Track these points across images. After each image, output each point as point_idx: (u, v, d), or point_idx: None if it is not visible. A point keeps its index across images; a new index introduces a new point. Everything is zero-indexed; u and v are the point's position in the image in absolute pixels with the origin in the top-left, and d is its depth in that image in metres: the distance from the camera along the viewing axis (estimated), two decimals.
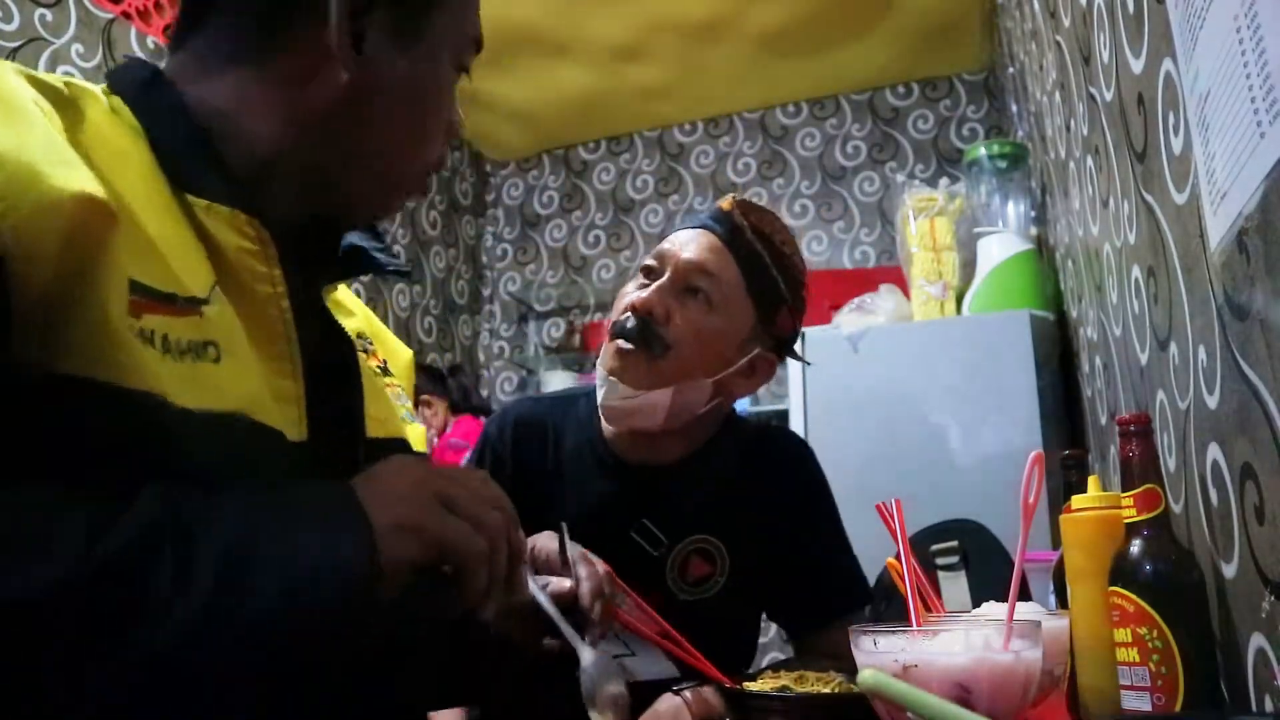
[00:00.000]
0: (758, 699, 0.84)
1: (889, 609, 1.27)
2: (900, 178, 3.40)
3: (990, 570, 1.20)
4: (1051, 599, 1.03)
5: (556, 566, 0.91)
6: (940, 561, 1.21)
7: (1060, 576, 0.93)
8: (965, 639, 0.59)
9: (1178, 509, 0.95)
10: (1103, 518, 0.84)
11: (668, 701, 0.91)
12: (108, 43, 2.48)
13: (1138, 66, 1.00)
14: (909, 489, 1.21)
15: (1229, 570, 0.78)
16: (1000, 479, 2.01)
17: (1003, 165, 2.39)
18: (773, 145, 3.97)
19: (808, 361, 1.53)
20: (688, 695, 0.90)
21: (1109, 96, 1.19)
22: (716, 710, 0.90)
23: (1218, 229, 0.74)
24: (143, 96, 0.63)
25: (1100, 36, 1.21)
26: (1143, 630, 0.74)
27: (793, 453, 1.27)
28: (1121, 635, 0.75)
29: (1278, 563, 0.67)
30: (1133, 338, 1.19)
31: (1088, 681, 0.82)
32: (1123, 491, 0.81)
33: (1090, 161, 1.40)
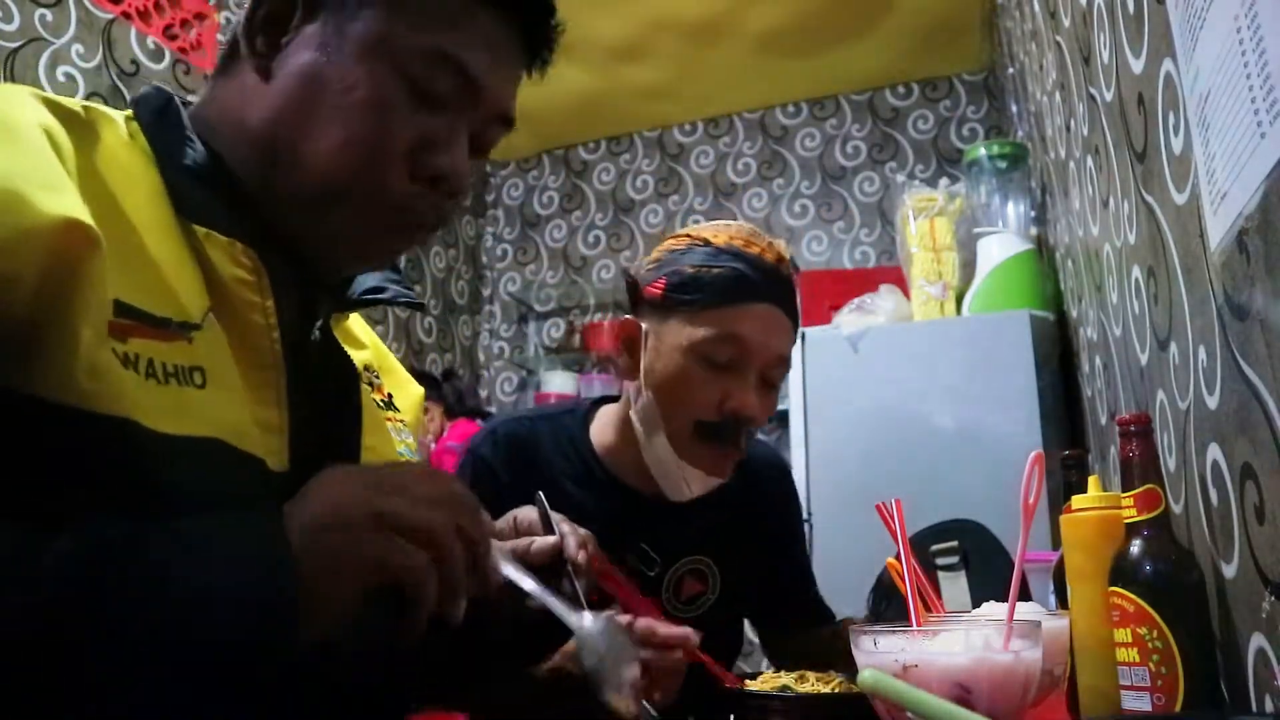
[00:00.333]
0: (757, 699, 0.84)
1: (889, 609, 1.27)
2: (900, 178, 3.41)
3: (990, 570, 1.20)
4: (1051, 599, 1.03)
5: (539, 533, 0.88)
6: (940, 561, 1.21)
7: (1060, 576, 0.93)
8: (965, 639, 0.59)
9: (1178, 509, 0.95)
10: (1103, 518, 0.84)
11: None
12: (108, 43, 2.48)
13: (1138, 66, 1.00)
14: (909, 489, 1.21)
15: (1229, 570, 0.78)
16: (1000, 479, 2.00)
17: (1003, 165, 2.39)
18: (773, 145, 3.97)
19: None
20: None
21: (1109, 96, 1.19)
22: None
23: (1218, 229, 0.74)
24: (154, 123, 0.64)
25: (1100, 36, 1.21)
26: (1143, 630, 0.74)
27: (775, 472, 1.31)
28: (1121, 635, 0.75)
29: (1278, 563, 0.67)
30: (1133, 338, 1.19)
31: (1088, 681, 0.82)
32: (1123, 491, 0.81)
33: (1090, 161, 1.40)
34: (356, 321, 0.85)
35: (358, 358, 0.78)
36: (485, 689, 0.99)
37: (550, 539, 0.85)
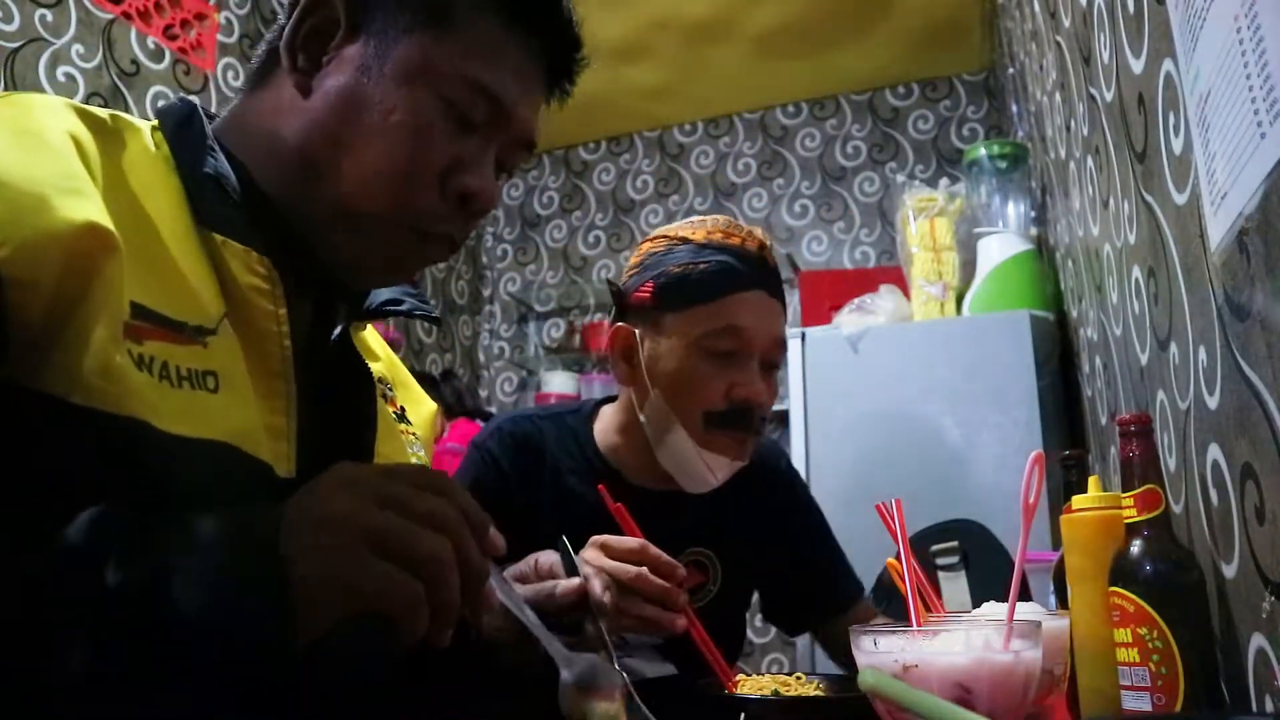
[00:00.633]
0: (756, 703, 0.85)
1: (889, 609, 1.28)
2: (900, 178, 3.40)
3: (990, 570, 1.20)
4: (1051, 599, 1.03)
5: (561, 576, 0.89)
6: (940, 561, 1.21)
7: (1060, 576, 0.93)
8: (965, 639, 0.59)
9: (1178, 509, 0.95)
10: (1103, 518, 0.84)
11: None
12: (108, 43, 2.48)
13: (1138, 66, 1.00)
14: (909, 489, 1.22)
15: (1229, 570, 0.78)
16: (1000, 479, 2.01)
17: (1003, 165, 2.39)
18: (773, 145, 3.97)
19: None
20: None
21: (1109, 97, 1.19)
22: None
23: (1218, 229, 0.74)
24: (177, 133, 0.66)
25: (1100, 37, 1.21)
26: (1143, 630, 0.74)
27: (772, 463, 1.32)
28: (1121, 635, 0.75)
29: (1278, 563, 0.67)
30: (1133, 338, 1.19)
31: (1088, 681, 0.82)
32: (1123, 492, 0.81)
33: (1090, 162, 1.40)
34: (371, 334, 0.87)
35: (372, 369, 0.79)
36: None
37: (575, 581, 0.85)
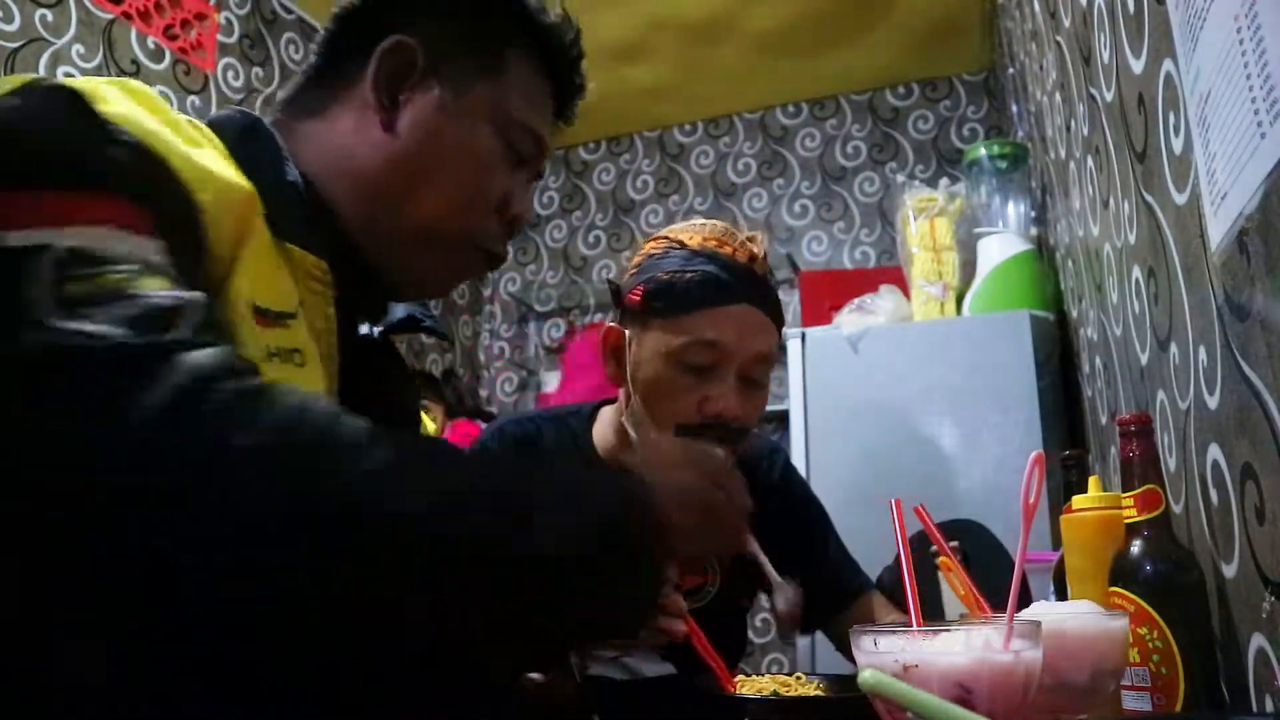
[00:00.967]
0: (756, 703, 0.85)
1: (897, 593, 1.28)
2: (900, 178, 3.40)
3: (990, 570, 1.20)
4: (1052, 599, 1.03)
5: None
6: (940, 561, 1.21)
7: (1060, 576, 0.93)
8: (965, 639, 0.59)
9: (1178, 509, 0.95)
10: (1103, 518, 0.84)
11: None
12: (108, 43, 2.48)
13: (1138, 66, 1.00)
14: (909, 489, 1.21)
15: (1229, 570, 0.78)
16: (1000, 479, 2.01)
17: (1003, 165, 2.39)
18: (773, 145, 3.97)
19: None
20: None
21: (1109, 97, 1.19)
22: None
23: (1218, 229, 0.74)
24: (242, 140, 0.70)
25: (1100, 37, 1.21)
26: (1143, 630, 0.74)
27: (769, 461, 1.32)
28: None
29: (1278, 563, 0.67)
30: (1133, 338, 1.19)
31: None
32: (1123, 492, 0.81)
33: (1090, 162, 1.40)
34: None
35: None
36: None
37: None
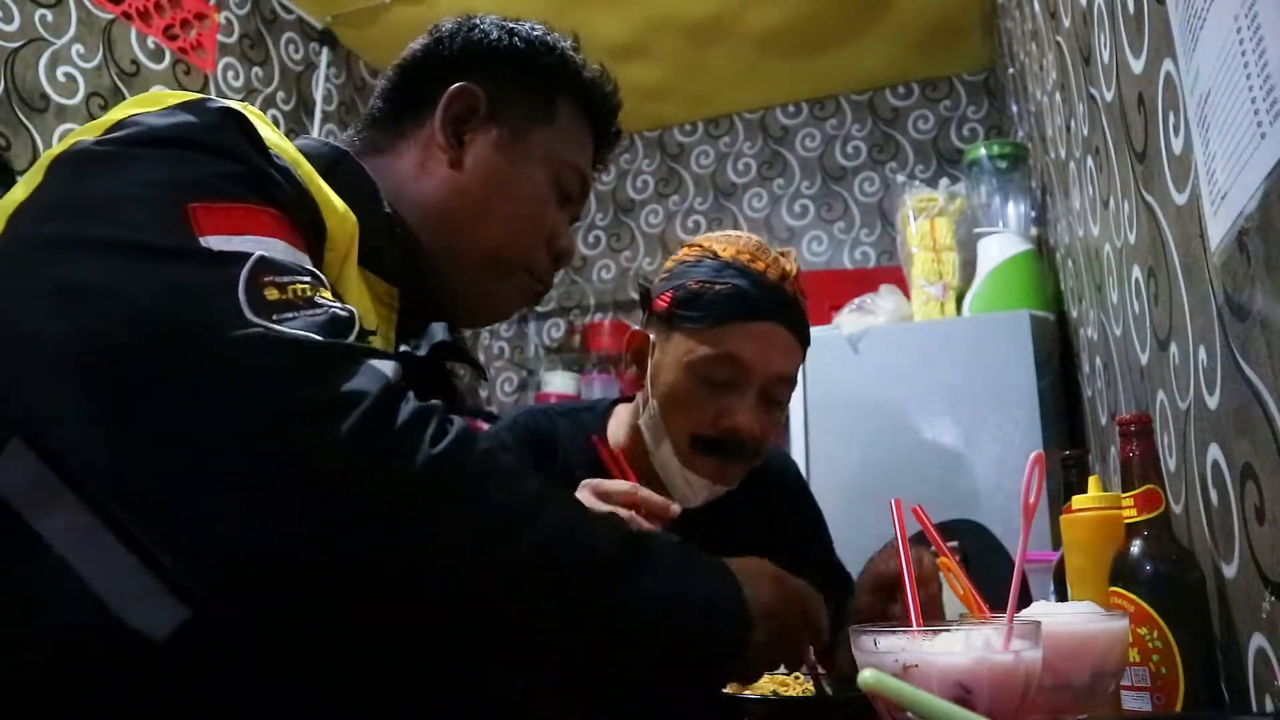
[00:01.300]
0: (756, 704, 0.85)
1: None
2: (900, 178, 3.40)
3: (990, 570, 1.20)
4: (1052, 599, 1.04)
5: None
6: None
7: (1060, 576, 0.93)
8: (965, 639, 0.59)
9: (1178, 509, 0.95)
10: (1103, 518, 0.84)
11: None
12: (108, 43, 2.48)
13: (1138, 66, 1.00)
14: (909, 489, 1.22)
15: (1229, 570, 0.78)
16: (1000, 479, 2.01)
17: (1003, 165, 2.39)
18: (773, 145, 3.97)
19: None
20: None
21: (1109, 96, 1.19)
22: None
23: (1218, 229, 0.74)
24: (329, 171, 0.73)
25: (1100, 36, 1.21)
26: (1143, 630, 0.74)
27: (781, 471, 1.32)
28: None
29: (1278, 563, 0.67)
30: (1133, 338, 1.19)
31: None
32: (1123, 492, 0.81)
33: (1090, 161, 1.40)
34: None
35: None
36: None
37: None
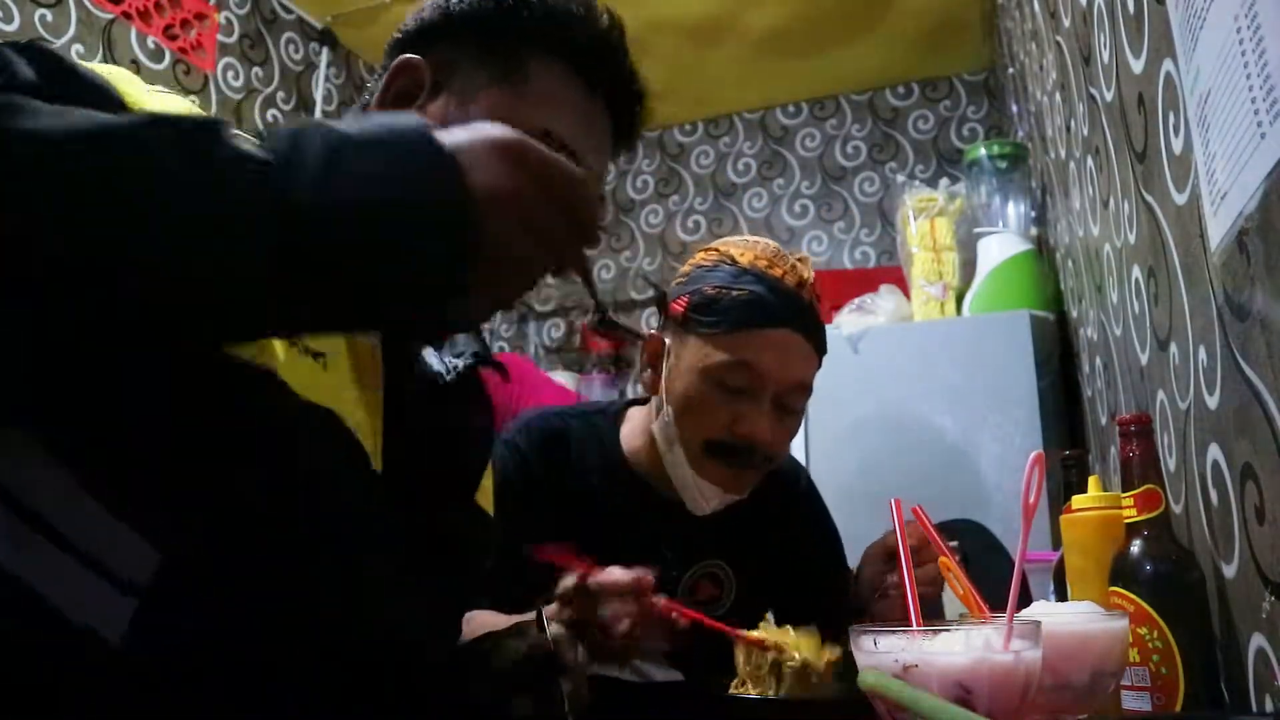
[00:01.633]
0: (756, 704, 0.85)
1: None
2: (900, 178, 3.40)
3: (990, 570, 1.20)
4: (1052, 599, 1.04)
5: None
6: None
7: (1060, 576, 0.93)
8: (965, 639, 0.59)
9: (1178, 509, 0.95)
10: (1103, 518, 0.84)
11: None
12: (108, 43, 2.48)
13: (1138, 66, 1.00)
14: (909, 489, 1.21)
15: (1229, 570, 0.78)
16: (1000, 479, 2.01)
17: (1003, 165, 2.39)
18: (773, 145, 3.97)
19: None
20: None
21: (1109, 97, 1.19)
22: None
23: (1218, 229, 0.74)
24: None
25: (1100, 36, 1.21)
26: (1143, 630, 0.74)
27: (791, 479, 1.31)
28: None
29: (1278, 563, 0.67)
30: (1133, 338, 1.19)
31: None
32: (1123, 492, 0.81)
33: (1090, 162, 1.40)
34: None
35: None
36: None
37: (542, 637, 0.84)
